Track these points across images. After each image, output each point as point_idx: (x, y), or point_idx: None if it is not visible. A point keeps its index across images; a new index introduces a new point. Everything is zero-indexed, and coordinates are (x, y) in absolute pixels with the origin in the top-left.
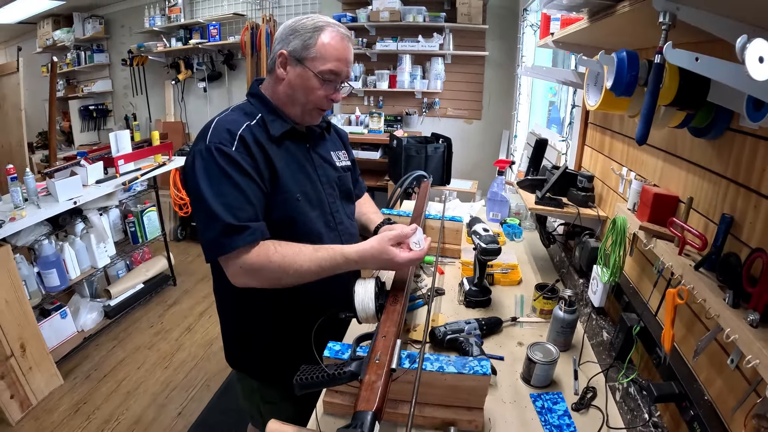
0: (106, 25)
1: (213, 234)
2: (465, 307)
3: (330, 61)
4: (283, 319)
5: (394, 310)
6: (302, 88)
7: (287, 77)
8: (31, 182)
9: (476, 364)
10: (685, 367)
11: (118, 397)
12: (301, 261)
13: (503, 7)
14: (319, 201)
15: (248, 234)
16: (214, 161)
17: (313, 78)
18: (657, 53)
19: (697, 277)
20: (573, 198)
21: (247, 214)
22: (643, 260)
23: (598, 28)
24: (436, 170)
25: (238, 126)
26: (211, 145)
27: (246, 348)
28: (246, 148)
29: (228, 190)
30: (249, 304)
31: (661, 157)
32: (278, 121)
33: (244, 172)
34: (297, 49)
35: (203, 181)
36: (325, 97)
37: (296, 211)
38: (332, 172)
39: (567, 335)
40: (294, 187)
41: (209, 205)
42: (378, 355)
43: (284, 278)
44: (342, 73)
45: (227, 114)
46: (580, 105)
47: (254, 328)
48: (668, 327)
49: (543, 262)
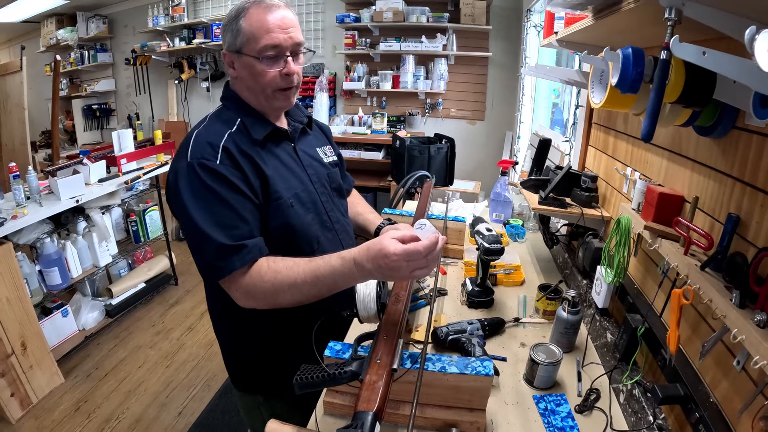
0: (110, 24)
1: (207, 257)
2: (468, 308)
3: (261, 37)
4: (284, 321)
5: (396, 310)
6: (252, 77)
7: (238, 73)
8: (34, 180)
9: (479, 364)
10: (691, 369)
11: (118, 396)
12: (296, 275)
13: (507, 8)
14: (313, 202)
15: (246, 253)
16: (199, 178)
17: (255, 62)
18: (663, 49)
19: (703, 277)
20: (576, 198)
21: (242, 231)
22: (647, 261)
23: (603, 25)
24: (439, 171)
25: (219, 137)
26: (193, 161)
27: (250, 365)
28: (231, 159)
29: (218, 208)
30: (246, 313)
31: (666, 157)
32: (258, 123)
33: (233, 186)
34: (231, 43)
35: (190, 201)
36: (278, 75)
37: (291, 217)
38: (321, 169)
39: (570, 336)
40: (286, 192)
41: (199, 227)
42: (379, 355)
43: (281, 297)
44: (282, 43)
45: (206, 125)
46: (584, 105)
47: (255, 336)
48: (673, 328)
49: (546, 263)
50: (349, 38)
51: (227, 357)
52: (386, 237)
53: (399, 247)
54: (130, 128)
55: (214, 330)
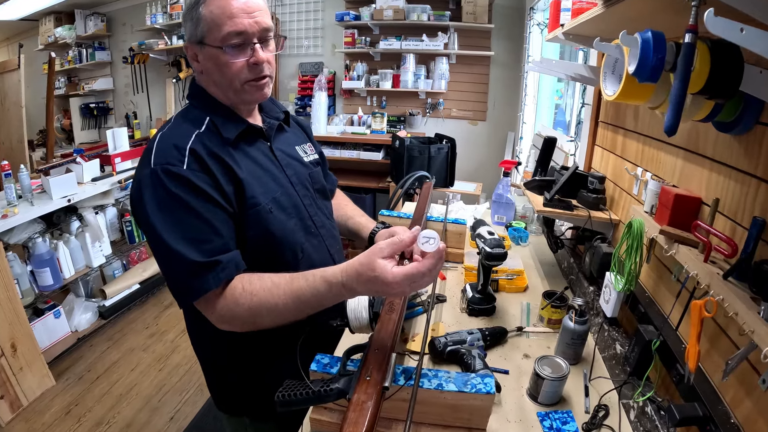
0: (108, 22)
1: (178, 276)
2: (468, 316)
3: (223, 23)
4: (268, 333)
5: (390, 320)
6: (217, 69)
7: (202, 67)
8: (26, 179)
9: (479, 381)
10: (709, 386)
11: (110, 399)
12: (275, 299)
13: (509, 7)
14: (294, 206)
15: (220, 270)
16: (163, 186)
17: (219, 53)
18: (688, 31)
19: (727, 287)
20: (583, 200)
21: (215, 245)
22: (660, 267)
23: (614, 13)
24: (439, 172)
25: (185, 138)
26: (157, 167)
27: (234, 385)
28: (200, 163)
29: (187, 220)
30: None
31: (681, 156)
32: (230, 122)
33: (203, 193)
34: (192, 33)
35: (154, 213)
36: (246, 65)
37: (271, 224)
38: (301, 169)
39: (577, 347)
40: (263, 197)
41: (166, 242)
42: (369, 372)
43: (260, 321)
44: (247, 29)
45: (171, 126)
46: (590, 103)
47: (236, 353)
48: (693, 343)
49: (550, 268)
50: (349, 36)
51: (209, 377)
52: (378, 257)
53: (399, 272)
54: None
55: (193, 349)
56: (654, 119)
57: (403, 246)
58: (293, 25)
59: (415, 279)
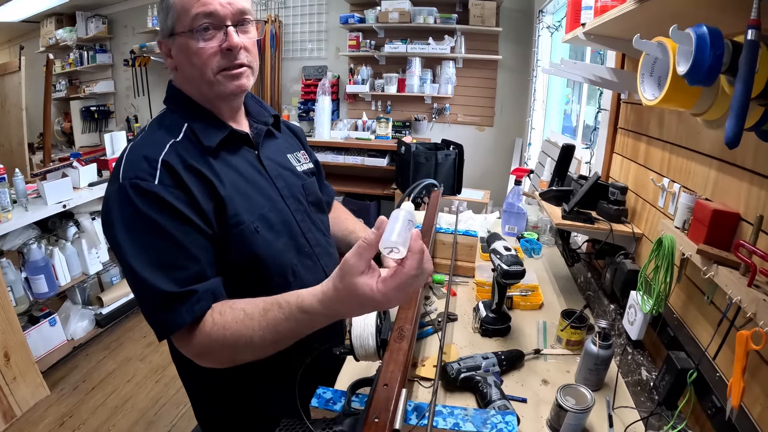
0: (110, 24)
1: (149, 308)
2: (480, 336)
3: (192, 6)
4: (261, 362)
5: (400, 349)
6: (187, 58)
7: (175, 61)
8: (20, 183)
9: (500, 420)
10: (748, 421)
11: (105, 411)
12: (251, 332)
13: (517, 10)
14: (285, 223)
15: (195, 301)
16: (131, 204)
17: (188, 40)
18: (750, 27)
19: None
20: (603, 212)
21: (189, 272)
22: (690, 287)
23: (646, 11)
24: (446, 179)
25: (158, 148)
26: (125, 182)
27: (224, 417)
28: (174, 177)
29: (157, 244)
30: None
31: (714, 166)
32: (211, 128)
33: (176, 213)
34: (164, 26)
35: (122, 235)
36: (218, 50)
37: (257, 245)
38: (294, 179)
39: (600, 373)
40: (248, 216)
41: (135, 270)
42: (378, 413)
43: (238, 356)
44: (217, 11)
45: (144, 134)
46: (608, 108)
47: (227, 382)
48: (738, 377)
49: (565, 282)
50: (353, 40)
51: (197, 407)
52: (354, 277)
53: (388, 286)
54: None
55: (181, 379)
56: (682, 126)
57: (372, 249)
58: (296, 27)
59: (407, 284)
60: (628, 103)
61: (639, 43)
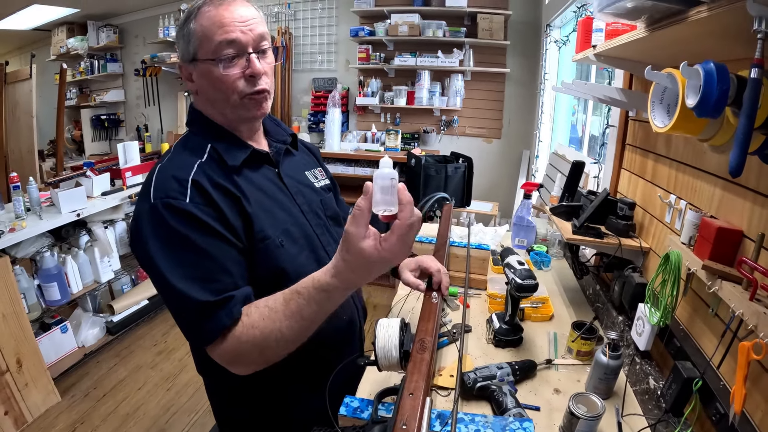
0: (121, 34)
1: (188, 319)
2: (494, 347)
3: (214, 34)
4: (288, 369)
5: (422, 360)
6: (211, 85)
7: (198, 85)
8: (34, 192)
9: (518, 426)
10: (750, 427)
11: (116, 419)
12: (278, 324)
13: (525, 23)
14: (306, 237)
15: (233, 306)
16: (165, 223)
17: (212, 67)
18: (754, 65)
19: None
20: (612, 227)
21: (223, 284)
22: (695, 300)
23: (656, 39)
24: (456, 191)
25: (187, 169)
26: (157, 201)
27: (248, 423)
28: (204, 196)
29: (191, 259)
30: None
31: (719, 185)
32: (233, 147)
33: (208, 229)
34: (185, 51)
35: (157, 251)
36: (241, 77)
37: (282, 259)
38: (312, 195)
39: (610, 382)
40: (273, 231)
41: (172, 284)
42: (405, 419)
43: (269, 353)
44: (239, 39)
45: (170, 156)
46: (616, 125)
47: (253, 388)
48: (740, 385)
49: (574, 294)
50: (363, 52)
51: (220, 413)
52: (359, 243)
53: (390, 244)
54: (139, 140)
55: (205, 386)
56: (689, 145)
57: (366, 214)
58: (306, 39)
59: (406, 234)
60: (636, 120)
61: (650, 74)
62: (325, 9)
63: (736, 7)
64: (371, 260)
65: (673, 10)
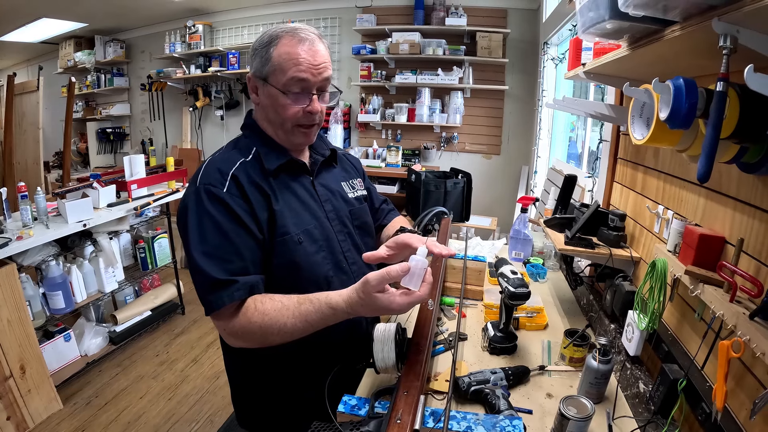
0: (127, 49)
1: (201, 289)
2: (489, 354)
3: (288, 69)
4: (294, 364)
5: (417, 361)
6: (273, 107)
7: (260, 100)
8: (42, 201)
9: (507, 423)
10: (735, 425)
11: (117, 427)
12: (285, 319)
13: (523, 41)
14: (327, 240)
15: (235, 290)
16: (202, 204)
17: (279, 94)
18: (720, 80)
19: (754, 327)
20: (604, 238)
21: (235, 266)
22: (682, 305)
23: (638, 56)
24: (455, 206)
25: (230, 164)
26: (201, 186)
27: (257, 404)
28: (239, 189)
29: (215, 239)
30: (255, 351)
31: (703, 195)
32: (273, 154)
33: (236, 217)
34: (258, 69)
35: (192, 226)
36: (301, 111)
37: (297, 254)
38: (342, 205)
39: (600, 386)
40: (294, 228)
41: (194, 256)
42: (399, 414)
43: (270, 338)
44: (309, 79)
45: (222, 151)
46: (608, 140)
47: (264, 375)
48: (721, 383)
49: (569, 305)
50: (365, 70)
51: (235, 393)
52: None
53: (403, 302)
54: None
55: (224, 363)
56: (675, 157)
57: (393, 281)
58: None
59: (416, 302)
60: (627, 135)
61: (628, 90)
62: (328, 27)
63: (704, 26)
64: (378, 306)
65: (650, 29)
